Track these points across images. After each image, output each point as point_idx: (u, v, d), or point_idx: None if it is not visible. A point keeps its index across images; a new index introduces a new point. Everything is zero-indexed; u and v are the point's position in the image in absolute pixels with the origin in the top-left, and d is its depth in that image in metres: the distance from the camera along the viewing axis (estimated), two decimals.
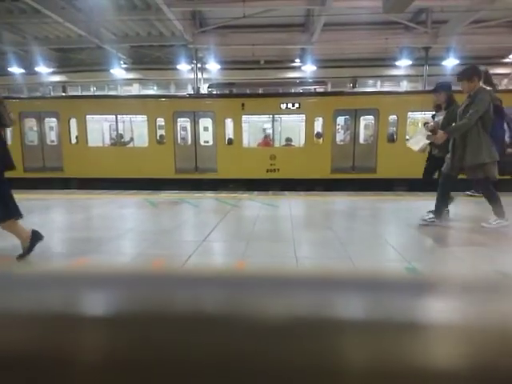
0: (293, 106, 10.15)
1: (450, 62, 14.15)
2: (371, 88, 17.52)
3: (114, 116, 10.89)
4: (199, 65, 14.14)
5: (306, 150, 10.30)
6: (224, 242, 3.65)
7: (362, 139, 10.59)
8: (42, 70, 15.90)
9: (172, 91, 18.04)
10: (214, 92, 12.37)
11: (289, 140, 10.66)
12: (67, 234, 4.05)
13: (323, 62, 15.36)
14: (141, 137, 11.18)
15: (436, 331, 0.32)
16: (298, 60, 15.85)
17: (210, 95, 11.98)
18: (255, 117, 11.25)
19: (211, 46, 13.15)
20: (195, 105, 10.62)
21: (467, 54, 14.04)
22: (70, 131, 10.70)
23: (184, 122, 11.05)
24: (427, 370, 0.29)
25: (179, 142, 10.85)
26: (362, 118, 10.30)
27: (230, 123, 10.54)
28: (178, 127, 10.91)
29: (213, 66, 14.88)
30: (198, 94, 12.46)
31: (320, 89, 12.53)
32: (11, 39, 13.42)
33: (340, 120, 10.73)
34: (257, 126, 12.01)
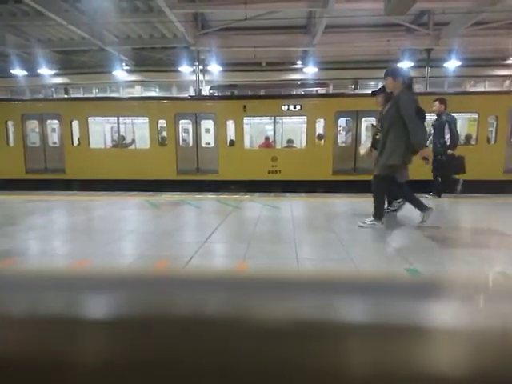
0: (294, 107, 10.16)
1: (452, 64, 14.14)
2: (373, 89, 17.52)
3: (116, 118, 10.92)
4: (201, 67, 14.16)
5: (307, 151, 10.29)
6: (225, 243, 3.65)
7: (363, 141, 10.58)
8: (45, 72, 15.98)
9: (174, 93, 18.07)
10: (216, 94, 12.39)
11: (290, 142, 10.66)
12: (68, 235, 4.06)
13: (325, 63, 15.37)
14: (142, 139, 11.20)
15: (438, 334, 0.33)
16: (299, 62, 15.87)
17: (211, 97, 12.00)
18: (257, 118, 11.26)
19: (213, 48, 13.17)
20: (197, 107, 10.64)
21: (469, 56, 14.04)
22: (72, 133, 10.74)
23: (186, 124, 11.07)
24: (430, 372, 0.29)
25: (181, 144, 10.87)
26: (363, 119, 10.30)
27: (231, 125, 10.55)
28: (180, 129, 10.94)
29: (214, 67, 14.90)
30: (199, 96, 12.48)
31: (321, 90, 12.53)
32: (14, 41, 13.48)
33: (342, 122, 10.73)
34: (258, 127, 12.01)
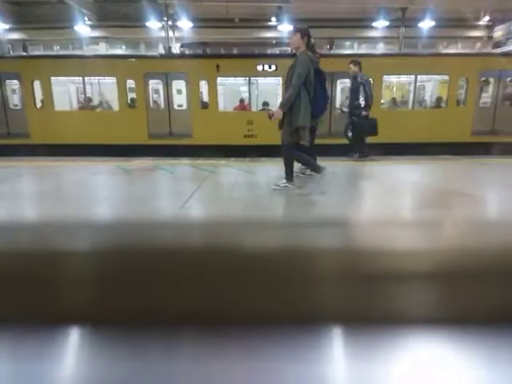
0: (269, 67, 9.89)
1: (426, 24, 14.05)
2: (348, 50, 17.26)
3: (81, 77, 10.30)
4: (170, 22, 13.39)
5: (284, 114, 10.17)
6: (201, 209, 3.65)
7: (338, 104, 10.55)
8: None
9: (142, 51, 17.13)
10: (187, 52, 11.83)
11: (266, 104, 10.45)
12: (39, 202, 3.92)
13: (300, 21, 14.85)
14: (111, 101, 10.69)
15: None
16: (274, 19, 15.29)
17: (182, 55, 11.44)
18: (231, 79, 10.91)
19: (182, 2, 12.42)
20: (167, 66, 10.15)
21: (443, 16, 13.96)
22: (34, 94, 10.09)
23: (156, 85, 10.60)
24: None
25: (152, 106, 10.46)
26: (338, 81, 10.20)
27: (204, 86, 10.21)
28: (150, 90, 10.48)
29: (185, 23, 14.12)
30: (169, 54, 11.88)
31: None
32: None
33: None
34: (233, 89, 11.67)
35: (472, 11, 14.17)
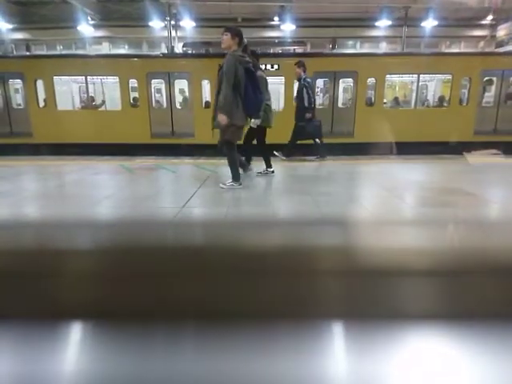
0: (272, 67, 9.88)
1: (429, 23, 14.00)
2: (350, 49, 17.23)
3: (84, 77, 10.33)
4: (173, 22, 13.39)
5: (285, 113, 10.17)
6: (204, 208, 3.65)
7: (340, 103, 10.53)
8: (2, 25, 14.72)
9: (144, 51, 17.16)
10: (190, 52, 11.84)
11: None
12: (41, 201, 3.94)
13: (302, 21, 14.87)
14: (114, 100, 10.71)
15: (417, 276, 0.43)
16: (276, 18, 15.28)
17: (185, 55, 11.47)
18: None
19: (185, 1, 12.43)
20: (170, 65, 10.16)
21: (446, 15, 13.91)
22: (37, 93, 10.13)
23: (158, 84, 10.61)
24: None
25: (154, 106, 10.47)
26: (341, 80, 10.18)
27: (207, 85, 10.21)
28: (153, 89, 10.49)
29: (187, 23, 14.13)
30: (172, 54, 11.89)
31: (299, 49, 12.21)
32: None
33: (319, 83, 10.57)
34: None
35: (475, 11, 14.12)
